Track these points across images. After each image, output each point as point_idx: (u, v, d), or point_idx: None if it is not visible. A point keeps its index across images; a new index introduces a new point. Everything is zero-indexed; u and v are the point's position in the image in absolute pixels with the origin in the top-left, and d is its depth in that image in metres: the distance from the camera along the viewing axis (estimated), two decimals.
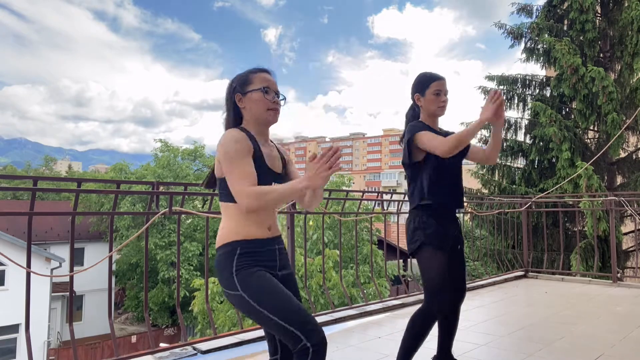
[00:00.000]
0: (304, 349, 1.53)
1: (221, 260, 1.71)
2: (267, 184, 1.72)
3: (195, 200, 23.07)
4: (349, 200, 5.68)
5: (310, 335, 1.55)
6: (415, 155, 2.40)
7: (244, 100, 1.80)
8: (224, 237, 1.73)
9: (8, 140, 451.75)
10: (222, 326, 9.11)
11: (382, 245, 13.23)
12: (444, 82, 2.42)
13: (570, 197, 8.67)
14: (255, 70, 1.85)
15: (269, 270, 1.72)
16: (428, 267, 2.37)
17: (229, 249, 1.70)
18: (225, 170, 1.68)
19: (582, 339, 3.40)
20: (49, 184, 23.25)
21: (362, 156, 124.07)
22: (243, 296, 1.64)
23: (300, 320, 1.57)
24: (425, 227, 2.37)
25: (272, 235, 1.78)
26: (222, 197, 1.76)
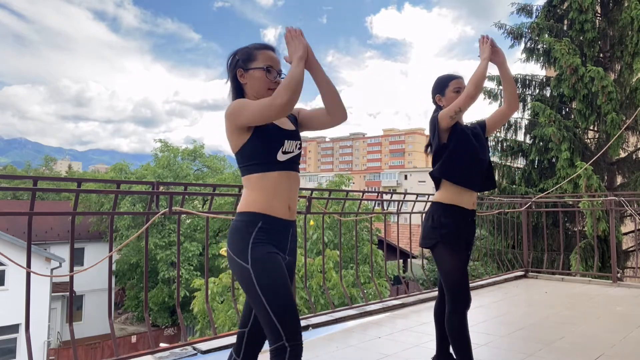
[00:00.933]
0: (282, 347, 1.55)
1: (240, 227, 1.71)
2: (279, 141, 1.73)
3: (195, 200, 23.13)
4: (349, 200, 5.68)
5: (292, 338, 1.57)
6: (442, 136, 2.47)
7: (245, 76, 1.80)
8: (248, 205, 1.73)
9: (8, 140, 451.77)
10: (222, 326, 9.11)
11: (382, 245, 13.23)
12: (462, 80, 2.54)
13: (570, 197, 8.67)
14: (259, 46, 1.83)
15: (280, 252, 1.72)
16: (446, 266, 2.43)
17: (252, 218, 1.70)
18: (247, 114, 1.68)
19: (582, 339, 3.40)
20: (49, 184, 23.25)
21: (362, 156, 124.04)
22: (249, 271, 1.64)
23: (288, 320, 1.58)
24: (441, 227, 2.44)
25: (290, 218, 1.78)
26: (243, 170, 1.77)
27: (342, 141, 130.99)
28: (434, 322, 2.69)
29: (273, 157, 1.72)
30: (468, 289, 2.43)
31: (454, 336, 2.41)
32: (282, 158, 1.74)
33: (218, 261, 16.82)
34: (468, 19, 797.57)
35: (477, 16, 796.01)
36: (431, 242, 2.48)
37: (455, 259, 2.42)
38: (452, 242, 2.43)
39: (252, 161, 1.73)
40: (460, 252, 2.45)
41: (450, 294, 2.41)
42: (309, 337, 3.44)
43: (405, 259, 19.32)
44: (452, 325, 2.40)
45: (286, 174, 1.75)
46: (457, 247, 2.44)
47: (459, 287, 2.39)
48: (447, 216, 2.45)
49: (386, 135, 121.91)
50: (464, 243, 2.48)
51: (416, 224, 13.96)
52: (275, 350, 1.56)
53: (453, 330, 2.40)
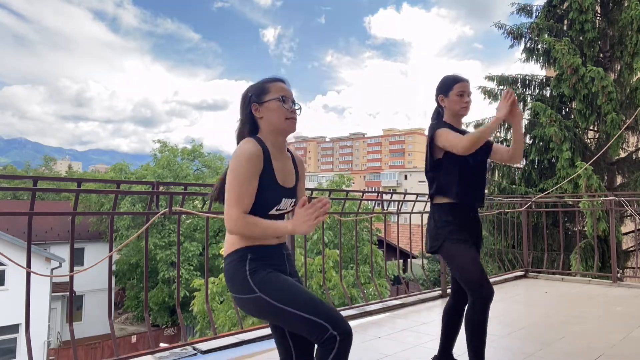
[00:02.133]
0: (331, 337, 1.53)
1: (232, 267, 1.71)
2: (276, 200, 1.73)
3: (195, 200, 23.04)
4: (349, 200, 5.68)
5: (337, 324, 1.55)
6: (436, 152, 2.47)
7: (261, 110, 1.78)
8: (234, 244, 1.72)
9: (8, 140, 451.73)
10: (222, 326, 9.11)
11: (382, 245, 13.24)
12: (467, 84, 2.52)
13: (570, 197, 8.67)
14: (271, 79, 1.83)
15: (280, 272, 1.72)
16: (458, 261, 2.39)
17: (240, 254, 1.70)
18: (227, 183, 1.68)
19: (582, 339, 3.40)
20: (49, 184, 23.25)
21: (362, 156, 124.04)
22: (262, 297, 1.63)
23: (324, 311, 1.57)
24: (446, 224, 2.43)
25: (279, 242, 1.79)
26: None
27: (342, 141, 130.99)
28: (441, 321, 2.65)
29: (265, 212, 1.72)
30: (487, 280, 2.36)
31: (473, 332, 2.35)
32: (274, 213, 1.75)
33: (218, 261, 16.83)
34: (467, 19, 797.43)
35: (476, 16, 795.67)
36: (438, 242, 2.44)
37: (467, 252, 2.38)
38: (459, 237, 2.40)
39: None
40: (469, 245, 2.41)
41: (470, 289, 2.35)
42: None
43: (405, 259, 19.34)
44: (473, 321, 2.34)
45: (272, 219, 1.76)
46: (465, 240, 2.41)
47: (477, 280, 2.32)
48: (448, 214, 2.44)
49: (386, 135, 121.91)
50: (471, 239, 2.45)
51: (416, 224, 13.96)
52: (324, 342, 1.54)
53: (474, 326, 2.34)
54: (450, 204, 2.46)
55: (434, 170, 2.50)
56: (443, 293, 4.86)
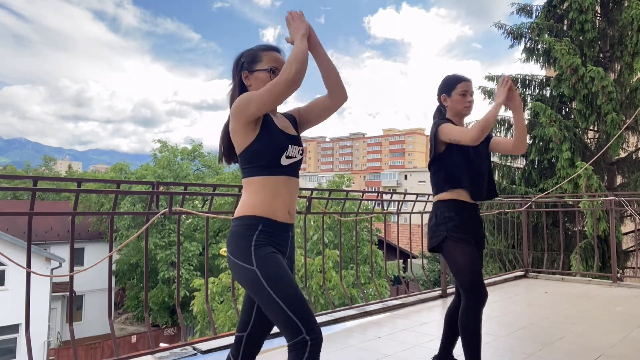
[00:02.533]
0: (303, 341, 1.53)
1: (240, 231, 1.70)
2: (282, 145, 1.73)
3: (195, 200, 23.13)
4: (349, 200, 5.68)
5: (311, 330, 1.55)
6: (439, 146, 2.48)
7: (250, 78, 1.79)
8: (248, 209, 1.71)
9: (8, 140, 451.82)
10: (222, 326, 9.11)
11: (382, 245, 13.23)
12: (469, 84, 2.54)
13: (570, 197, 8.67)
14: (265, 47, 1.82)
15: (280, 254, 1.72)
16: (456, 260, 2.39)
17: (251, 222, 1.69)
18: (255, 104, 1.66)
19: (582, 339, 3.40)
20: (49, 184, 23.24)
21: (362, 156, 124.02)
22: (256, 272, 1.62)
23: (305, 314, 1.57)
24: (447, 221, 2.41)
25: (290, 221, 1.78)
26: (245, 172, 1.75)
27: (342, 141, 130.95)
28: (444, 320, 2.64)
29: (277, 161, 1.71)
30: (483, 284, 2.36)
31: (466, 333, 2.35)
32: (285, 162, 1.73)
33: (218, 261, 16.83)
34: (466, 19, 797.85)
35: (475, 16, 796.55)
36: (438, 239, 2.43)
37: (466, 253, 2.37)
38: (460, 235, 2.38)
39: (255, 164, 1.72)
40: (470, 245, 2.40)
41: (464, 290, 2.36)
42: None
43: (405, 259, 19.33)
44: (466, 322, 2.35)
45: (287, 179, 1.75)
46: (466, 241, 2.39)
47: (472, 282, 2.33)
48: (450, 210, 2.43)
49: (386, 135, 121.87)
50: (472, 238, 2.43)
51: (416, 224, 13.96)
52: (294, 344, 1.54)
53: (467, 327, 2.35)
54: (453, 201, 2.45)
55: (438, 162, 2.50)
56: (443, 293, 4.86)
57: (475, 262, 2.38)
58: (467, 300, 2.34)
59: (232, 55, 1.89)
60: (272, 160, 1.71)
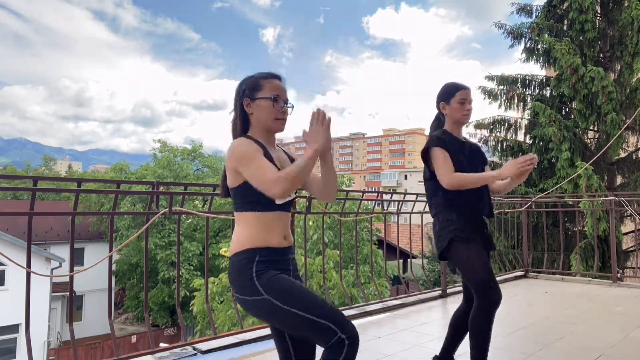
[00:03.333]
0: (339, 341, 1.52)
1: (238, 267, 1.69)
2: None
3: (195, 200, 23.13)
4: (349, 200, 5.68)
5: (345, 328, 1.54)
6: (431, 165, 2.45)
7: (252, 106, 1.78)
8: (241, 244, 1.70)
9: (8, 140, 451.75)
10: (222, 326, 9.11)
11: (382, 245, 13.23)
12: (468, 92, 2.52)
13: (570, 197, 8.67)
14: (266, 75, 1.81)
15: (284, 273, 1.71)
16: (466, 263, 2.34)
17: (248, 255, 1.68)
18: (247, 170, 1.65)
19: (582, 339, 3.40)
20: (49, 184, 23.24)
21: (362, 156, 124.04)
22: (268, 299, 1.61)
23: (332, 314, 1.56)
24: (449, 223, 2.39)
25: (287, 245, 1.77)
26: (238, 206, 1.74)
27: (342, 141, 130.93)
28: (449, 324, 2.61)
29: (271, 201, 1.70)
30: (496, 283, 2.30)
31: (476, 335, 2.31)
32: (280, 202, 1.73)
33: (218, 261, 16.81)
34: (466, 19, 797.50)
35: (474, 16, 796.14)
36: (445, 242, 2.39)
37: (475, 251, 2.33)
38: (466, 234, 2.35)
39: (249, 200, 1.71)
40: (478, 244, 2.36)
41: (476, 290, 2.29)
42: None
43: (405, 259, 19.34)
44: (477, 324, 2.30)
45: (279, 214, 1.75)
46: (473, 240, 2.35)
47: (485, 281, 2.28)
48: (451, 212, 2.40)
49: (386, 135, 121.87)
50: (479, 238, 2.39)
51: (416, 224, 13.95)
52: (332, 347, 1.52)
53: (477, 329, 2.30)
54: (453, 204, 2.41)
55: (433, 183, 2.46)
56: (443, 293, 4.86)
57: (485, 260, 2.34)
58: (480, 301, 2.29)
59: (232, 55, 1.92)
60: (266, 199, 1.68)
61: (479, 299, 2.29)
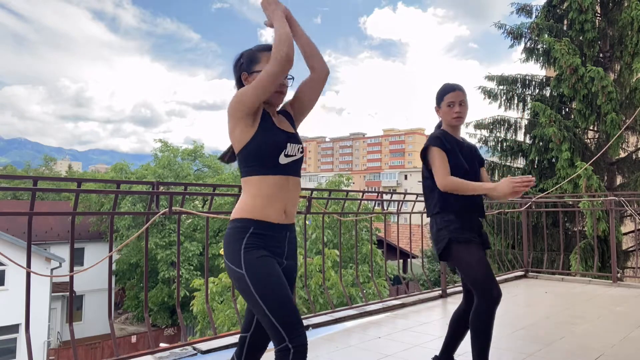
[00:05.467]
0: (286, 348, 1.54)
1: (232, 234, 1.71)
2: (280, 143, 1.72)
3: (195, 200, 23.13)
4: (348, 200, 5.68)
5: (294, 336, 1.55)
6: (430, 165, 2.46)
7: (249, 80, 1.78)
8: (240, 211, 1.72)
9: (8, 140, 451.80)
10: (222, 326, 9.12)
11: (382, 245, 13.23)
12: (458, 93, 2.47)
13: (570, 197, 8.67)
14: (263, 47, 1.81)
15: (275, 256, 1.70)
16: (465, 262, 2.35)
17: (243, 224, 1.69)
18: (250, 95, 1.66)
19: (582, 339, 3.40)
20: (49, 184, 23.24)
21: (362, 156, 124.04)
22: (244, 276, 1.63)
23: (289, 321, 1.57)
24: (448, 224, 2.39)
25: (286, 222, 1.75)
26: (244, 172, 1.75)
27: (342, 141, 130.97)
28: (449, 324, 2.61)
29: (275, 160, 1.70)
30: (495, 282, 2.31)
31: (477, 334, 2.31)
32: (284, 161, 1.72)
33: (218, 261, 16.84)
34: (464, 19, 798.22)
35: (473, 16, 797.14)
36: (443, 243, 2.39)
37: (473, 251, 2.34)
38: (464, 235, 2.35)
39: (253, 162, 1.71)
40: (476, 244, 2.37)
41: (476, 289, 2.30)
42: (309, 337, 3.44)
43: (405, 259, 19.33)
44: (478, 323, 2.30)
45: (286, 179, 1.73)
46: (471, 240, 2.36)
47: (484, 280, 2.28)
48: (448, 214, 2.41)
49: (386, 135, 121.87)
50: (476, 237, 2.40)
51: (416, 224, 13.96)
52: (279, 352, 1.56)
53: (478, 329, 2.31)
54: (450, 205, 2.42)
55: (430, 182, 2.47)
56: (443, 293, 4.86)
57: (484, 259, 2.35)
58: (480, 300, 2.29)
59: (232, 55, 1.88)
60: (270, 158, 1.70)
61: (480, 297, 2.30)
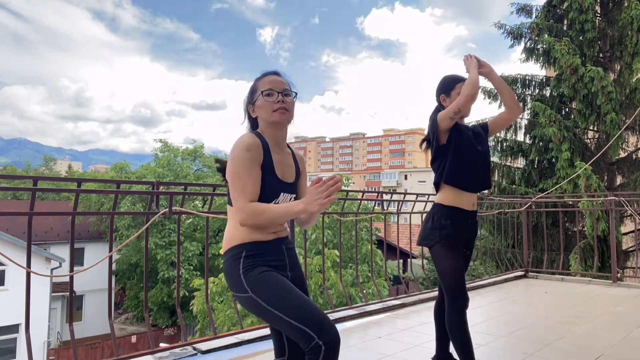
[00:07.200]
0: (317, 346, 1.52)
1: (228, 265, 1.72)
2: (274, 193, 1.72)
3: (195, 200, 23.13)
4: (348, 200, 5.68)
5: (323, 333, 1.54)
6: (441, 138, 2.47)
7: (255, 110, 1.81)
8: (229, 241, 1.73)
9: (8, 140, 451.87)
10: (221, 326, 9.12)
11: (382, 245, 13.23)
12: None
13: (570, 197, 8.67)
14: (260, 76, 1.84)
15: (278, 270, 1.70)
16: (443, 267, 2.46)
17: (235, 252, 1.70)
18: (229, 176, 1.68)
19: (582, 339, 3.40)
20: (49, 184, 23.27)
21: (362, 156, 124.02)
22: (252, 297, 1.63)
23: (312, 318, 1.56)
24: (441, 228, 2.46)
25: (279, 236, 1.76)
26: (229, 200, 1.75)
27: (342, 141, 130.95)
28: (434, 321, 2.70)
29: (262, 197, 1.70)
30: (464, 289, 2.45)
31: (454, 334, 2.43)
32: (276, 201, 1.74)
33: (218, 261, 16.82)
34: (462, 19, 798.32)
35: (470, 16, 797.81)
36: (430, 242, 2.50)
37: (453, 260, 2.44)
38: (451, 243, 2.45)
39: None
40: (459, 253, 2.47)
41: (447, 294, 2.44)
42: None
43: (405, 259, 19.33)
44: (451, 324, 2.43)
45: None
46: (455, 248, 2.46)
47: (455, 287, 2.42)
48: (446, 218, 2.46)
49: (386, 135, 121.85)
50: (462, 244, 2.51)
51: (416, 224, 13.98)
52: (311, 350, 1.54)
53: (452, 329, 2.43)
54: (451, 208, 2.46)
55: (441, 157, 2.50)
56: None
57: (460, 269, 2.46)
58: (450, 302, 2.42)
59: (232, 55, 1.92)
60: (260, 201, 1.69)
61: (450, 300, 2.43)
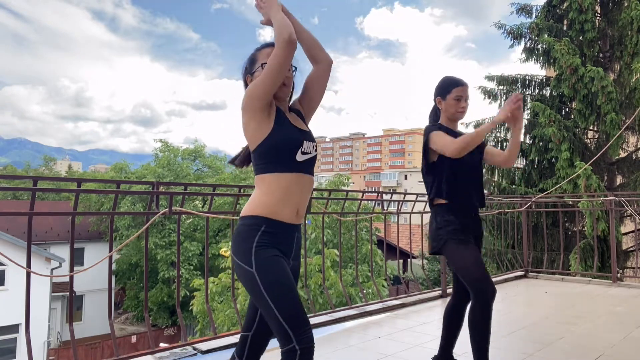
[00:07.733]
0: (293, 350, 1.54)
1: (243, 231, 1.69)
2: (297, 141, 1.72)
3: (195, 200, 23.13)
4: (348, 200, 5.68)
5: (301, 338, 1.55)
6: (431, 155, 2.47)
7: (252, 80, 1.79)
8: (253, 208, 1.70)
9: (8, 140, 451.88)
10: (221, 326, 9.11)
11: (381, 245, 13.22)
12: (465, 88, 2.51)
13: (570, 197, 8.67)
14: (261, 47, 1.83)
15: (284, 255, 1.70)
16: (461, 261, 2.39)
17: (255, 221, 1.68)
18: (261, 85, 1.66)
19: (582, 339, 3.40)
20: (49, 184, 23.25)
21: (362, 156, 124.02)
22: (254, 275, 1.62)
23: (297, 322, 1.57)
24: (447, 224, 2.42)
25: (297, 222, 1.76)
26: (259, 169, 1.73)
27: (342, 141, 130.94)
28: (442, 321, 2.64)
29: (292, 157, 1.70)
30: (490, 279, 2.36)
31: (476, 331, 2.35)
32: (301, 158, 1.72)
33: (218, 261, 16.80)
34: (462, 19, 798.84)
35: (470, 16, 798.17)
36: (440, 243, 2.44)
37: (469, 252, 2.38)
38: (461, 236, 2.39)
39: (270, 159, 1.70)
40: (471, 245, 2.41)
41: (472, 288, 2.34)
42: None
43: (405, 259, 19.33)
44: (476, 320, 2.34)
45: (301, 177, 1.73)
46: (467, 241, 2.40)
47: (479, 278, 2.33)
48: (449, 213, 2.44)
49: (386, 135, 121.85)
50: (472, 238, 2.45)
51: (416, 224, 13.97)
52: (286, 352, 1.56)
53: (477, 325, 2.34)
54: (451, 204, 2.46)
55: (430, 174, 2.50)
56: (443, 293, 4.86)
57: (479, 260, 2.39)
58: (477, 296, 2.33)
59: (231, 55, 1.93)
60: (287, 156, 1.69)
61: (476, 295, 2.34)
